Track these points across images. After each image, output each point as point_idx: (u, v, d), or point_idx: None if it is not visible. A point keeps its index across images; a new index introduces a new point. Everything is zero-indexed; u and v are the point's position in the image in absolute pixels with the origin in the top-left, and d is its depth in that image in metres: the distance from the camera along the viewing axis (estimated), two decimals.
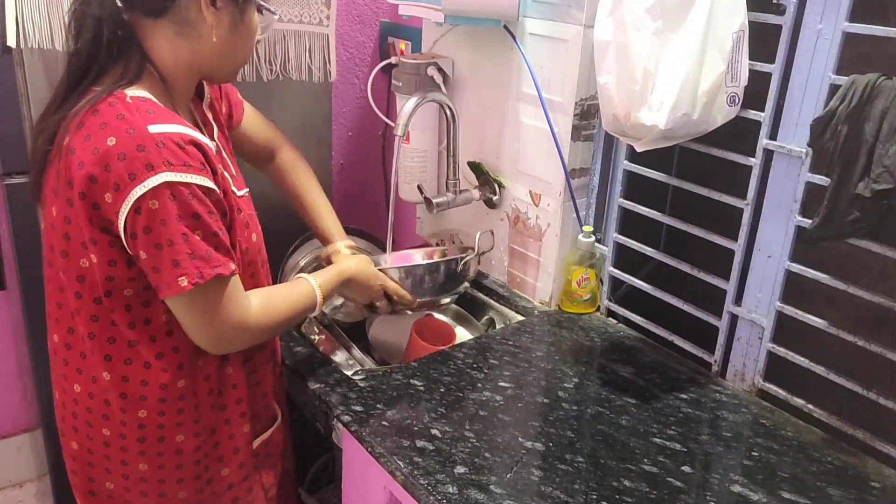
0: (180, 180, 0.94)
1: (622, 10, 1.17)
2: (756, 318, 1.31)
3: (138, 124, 0.94)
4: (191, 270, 0.96)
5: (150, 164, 0.92)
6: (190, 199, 0.95)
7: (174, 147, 0.94)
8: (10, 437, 2.15)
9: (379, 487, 1.19)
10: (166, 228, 0.94)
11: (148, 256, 0.96)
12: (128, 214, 0.93)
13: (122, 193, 0.93)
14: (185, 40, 1.01)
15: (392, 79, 1.69)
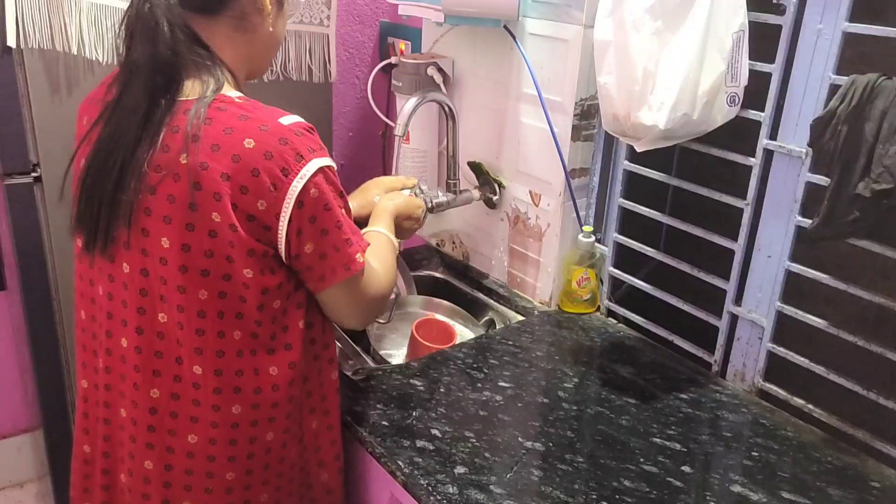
0: (326, 164, 0.93)
1: (622, 10, 1.17)
2: (756, 318, 1.31)
3: (269, 120, 0.91)
4: (361, 246, 0.99)
5: (299, 153, 0.90)
6: (335, 179, 0.95)
7: (307, 133, 0.93)
8: (10, 438, 2.16)
9: (379, 487, 1.19)
10: (330, 213, 0.93)
11: (315, 247, 0.93)
12: (292, 212, 0.90)
13: (280, 192, 0.89)
14: (241, 34, 0.98)
15: (392, 79, 1.69)
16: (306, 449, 1.10)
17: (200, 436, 0.98)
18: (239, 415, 0.98)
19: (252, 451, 1.01)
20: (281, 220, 0.90)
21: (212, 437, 0.99)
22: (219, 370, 0.96)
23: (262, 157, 0.88)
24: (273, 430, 1.01)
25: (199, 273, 0.91)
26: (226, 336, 0.95)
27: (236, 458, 1.00)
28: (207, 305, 0.93)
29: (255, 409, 0.99)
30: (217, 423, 0.98)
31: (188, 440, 0.99)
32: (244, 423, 0.99)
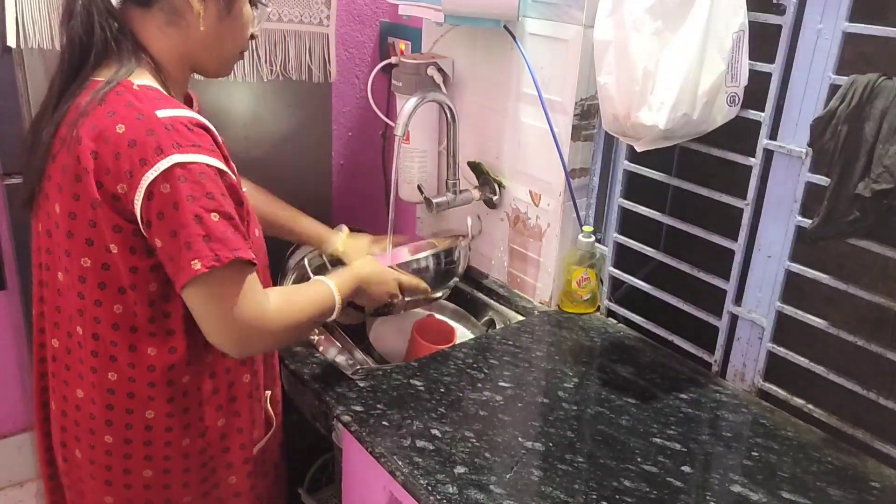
0: (190, 160, 0.92)
1: (622, 10, 1.17)
2: (756, 318, 1.30)
3: (147, 110, 0.93)
4: (205, 253, 0.92)
5: (160, 147, 0.91)
6: (202, 179, 0.93)
7: (183, 129, 0.93)
8: (10, 437, 2.15)
9: (379, 487, 1.19)
10: (178, 212, 0.91)
11: (163, 244, 0.93)
12: (142, 202, 0.92)
13: (134, 180, 0.91)
14: (174, 29, 1.00)
15: (392, 79, 1.69)
16: (210, 446, 1.11)
17: (85, 392, 1.05)
18: (114, 382, 1.03)
19: (129, 421, 1.05)
20: (135, 204, 0.93)
21: (92, 397, 1.04)
22: (95, 335, 1.01)
23: (126, 143, 0.91)
24: (153, 410, 1.04)
25: (84, 241, 0.97)
26: (103, 305, 0.99)
27: (113, 423, 1.05)
28: (88, 273, 0.98)
29: (132, 382, 1.03)
30: (94, 384, 1.04)
31: (76, 394, 1.06)
32: (119, 392, 1.03)
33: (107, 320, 1.00)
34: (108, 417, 1.05)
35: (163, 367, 1.03)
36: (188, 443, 1.08)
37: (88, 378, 1.04)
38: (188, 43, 1.02)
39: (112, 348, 1.02)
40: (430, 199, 1.63)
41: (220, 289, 0.96)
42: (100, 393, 1.04)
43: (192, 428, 1.08)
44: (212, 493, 1.15)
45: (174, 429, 1.07)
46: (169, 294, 1.00)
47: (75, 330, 1.03)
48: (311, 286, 1.16)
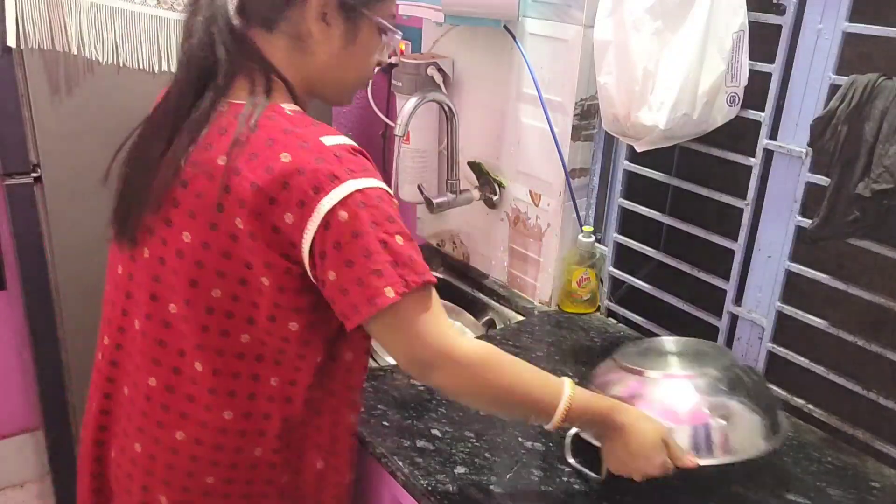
0: (368, 185, 0.87)
1: (622, 10, 1.17)
2: (756, 318, 1.31)
3: (310, 137, 0.88)
4: (395, 280, 0.86)
5: (334, 174, 0.85)
6: (381, 203, 0.87)
7: (350, 156, 0.89)
8: (11, 438, 2.16)
9: (379, 487, 1.19)
10: (360, 240, 0.85)
11: (337, 276, 0.86)
12: (316, 232, 0.85)
13: (307, 209, 0.85)
14: (300, 54, 0.95)
15: (392, 79, 1.69)
16: (305, 484, 1.06)
17: (188, 433, 0.98)
18: (229, 420, 0.97)
19: (236, 461, 0.99)
20: (305, 236, 0.86)
21: (198, 438, 0.98)
22: (217, 370, 0.95)
23: (295, 171, 0.85)
24: (262, 447, 0.99)
25: (215, 272, 0.91)
26: (230, 336, 0.93)
27: (219, 464, 0.99)
28: (217, 304, 0.92)
29: (247, 418, 0.97)
30: (206, 424, 0.97)
31: (175, 436, 0.98)
32: (232, 431, 0.97)
33: (231, 352, 0.94)
34: (214, 459, 0.98)
35: (281, 398, 0.97)
36: (286, 480, 1.03)
37: (199, 417, 0.97)
38: (310, 68, 0.97)
39: (233, 382, 0.95)
40: (430, 199, 1.63)
41: (408, 315, 0.89)
42: (210, 433, 0.97)
43: (291, 465, 1.03)
44: None
45: (277, 466, 1.01)
46: (309, 340, 0.95)
47: (190, 367, 0.96)
48: (541, 371, 0.98)
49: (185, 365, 0.96)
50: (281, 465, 1.01)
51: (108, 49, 1.51)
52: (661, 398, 1.05)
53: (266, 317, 0.92)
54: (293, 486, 1.04)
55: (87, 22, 1.47)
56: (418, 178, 1.72)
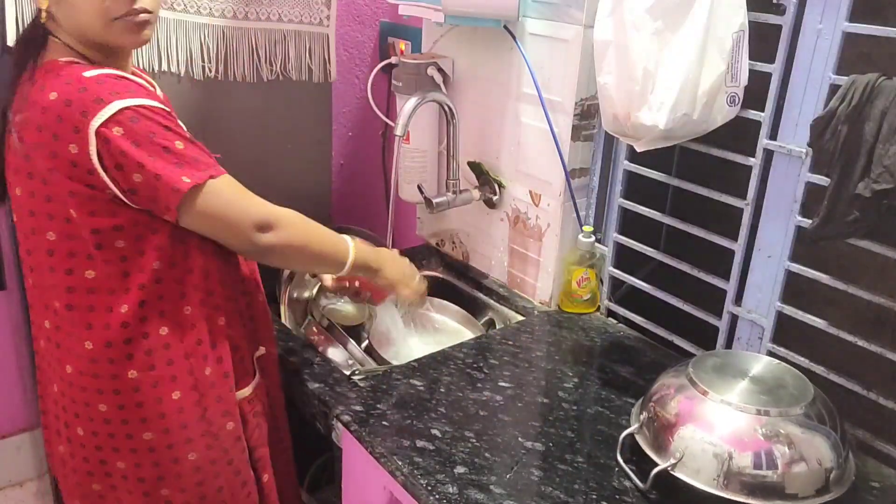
0: (135, 103, 0.98)
1: (622, 10, 1.16)
2: (756, 318, 1.31)
3: (73, 74, 0.98)
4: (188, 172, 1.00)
5: (99, 98, 0.96)
6: (153, 116, 0.99)
7: (113, 80, 0.99)
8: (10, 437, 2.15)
9: (379, 487, 1.19)
10: (142, 148, 0.97)
11: (142, 178, 0.98)
12: (99, 150, 0.96)
13: (83, 132, 0.96)
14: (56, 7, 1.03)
15: (392, 79, 1.69)
16: (203, 397, 1.13)
17: (73, 366, 1.08)
18: (92, 350, 1.06)
19: (118, 387, 1.08)
20: (92, 158, 0.97)
21: (79, 369, 1.08)
22: (70, 305, 1.06)
23: (63, 105, 0.96)
24: (135, 369, 1.07)
25: (46, 216, 1.02)
26: (74, 273, 1.04)
27: (104, 391, 1.08)
28: (56, 245, 1.03)
29: (108, 346, 1.06)
30: (80, 355, 1.07)
31: (66, 370, 1.09)
32: (101, 359, 1.07)
33: (81, 288, 1.04)
34: (98, 387, 1.08)
35: (136, 321, 1.06)
36: (180, 396, 1.11)
37: (74, 349, 1.07)
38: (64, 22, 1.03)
39: (88, 315, 1.05)
40: (430, 199, 1.63)
41: (209, 201, 1.03)
42: (84, 364, 1.07)
43: (181, 380, 1.10)
44: (215, 444, 1.16)
45: (161, 383, 1.09)
46: (142, 250, 1.04)
47: (55, 305, 1.07)
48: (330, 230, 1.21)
49: (54, 304, 1.07)
50: (167, 382, 1.10)
51: None
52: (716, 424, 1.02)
53: (93, 245, 1.02)
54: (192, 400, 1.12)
55: None
56: (418, 178, 1.72)
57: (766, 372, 1.10)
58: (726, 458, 0.99)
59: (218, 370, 1.15)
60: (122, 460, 1.11)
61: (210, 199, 1.03)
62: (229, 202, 1.05)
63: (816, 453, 1.00)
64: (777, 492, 0.98)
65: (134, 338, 1.07)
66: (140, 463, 1.11)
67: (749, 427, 1.01)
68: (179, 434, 1.12)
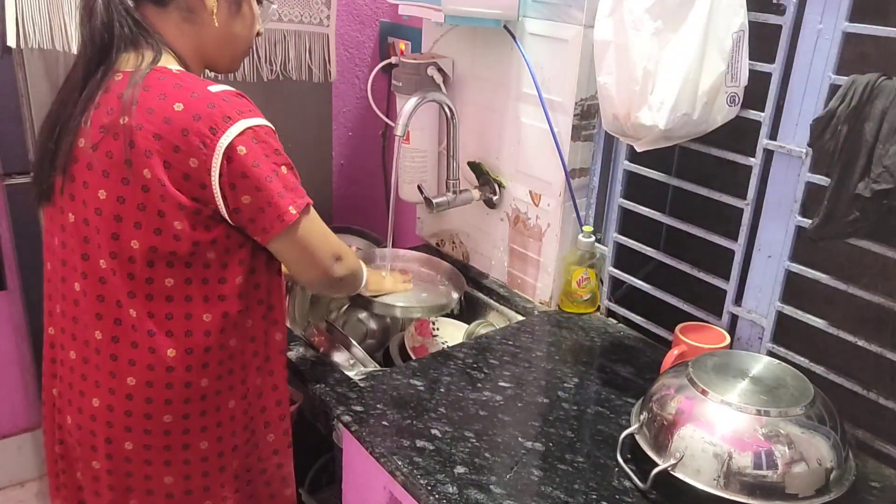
0: (256, 123, 1.00)
1: (622, 10, 1.16)
2: (756, 318, 1.31)
3: (198, 88, 0.99)
4: (294, 199, 1.03)
5: (227, 115, 0.98)
6: (269, 138, 1.01)
7: (236, 99, 1.01)
8: (11, 437, 2.16)
9: (379, 487, 1.19)
10: (259, 169, 0.99)
11: (252, 200, 1.00)
12: (221, 166, 0.97)
13: (209, 149, 0.97)
14: (190, 26, 1.06)
15: (392, 79, 1.69)
16: (251, 407, 1.14)
17: (138, 378, 1.05)
18: (173, 358, 1.05)
19: (188, 396, 1.07)
20: (212, 174, 0.97)
21: (149, 380, 1.05)
22: (151, 313, 1.04)
23: (190, 118, 0.96)
24: (207, 377, 1.07)
25: (133, 224, 1.00)
26: (155, 282, 1.03)
27: (172, 402, 1.06)
28: (138, 253, 1.01)
29: (189, 353, 1.05)
30: (153, 366, 1.05)
31: (127, 382, 1.05)
32: (178, 368, 1.05)
33: (160, 295, 1.03)
34: (167, 397, 1.06)
35: (217, 331, 1.06)
36: (234, 405, 1.12)
37: (145, 360, 1.05)
38: (203, 40, 1.08)
39: (168, 323, 1.04)
40: (430, 199, 1.63)
41: (306, 233, 1.07)
42: (158, 374, 1.05)
43: (237, 390, 1.11)
44: (253, 453, 1.18)
45: (222, 392, 1.10)
46: (227, 262, 1.05)
47: (127, 314, 1.04)
48: None
49: (124, 314, 1.04)
50: (226, 392, 1.10)
51: None
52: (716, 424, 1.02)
53: (187, 253, 1.02)
54: (242, 410, 1.13)
55: None
56: (418, 178, 1.72)
57: (766, 372, 1.10)
58: (726, 458, 0.99)
59: (268, 382, 1.16)
60: (170, 474, 1.09)
61: (305, 229, 1.06)
62: (317, 233, 1.09)
63: (816, 453, 1.00)
64: (777, 492, 0.98)
65: (213, 347, 1.06)
66: (190, 475, 1.10)
67: (749, 427, 1.00)
68: (229, 442, 1.12)
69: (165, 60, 1.03)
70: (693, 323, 1.35)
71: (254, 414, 1.16)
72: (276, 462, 1.21)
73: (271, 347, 1.15)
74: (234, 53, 1.14)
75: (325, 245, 1.12)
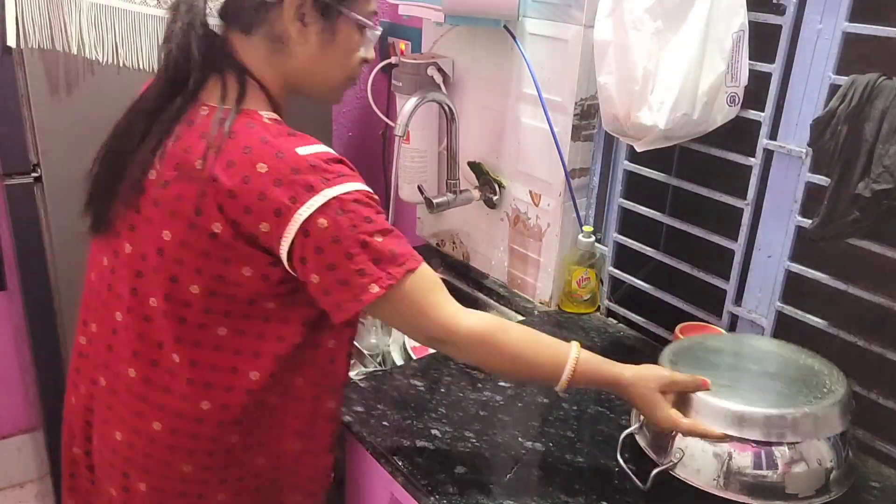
0: (343, 192, 0.89)
1: (622, 10, 1.17)
2: (756, 318, 1.30)
3: (286, 148, 0.90)
4: (379, 276, 0.91)
5: (310, 185, 0.88)
6: (359, 207, 0.90)
7: (325, 165, 0.90)
8: (10, 438, 2.16)
9: (379, 487, 1.19)
10: (340, 245, 0.89)
11: (321, 279, 0.90)
12: (294, 239, 0.89)
13: (284, 219, 0.88)
14: (279, 56, 0.97)
15: (392, 79, 1.69)
16: (281, 467, 1.07)
17: (164, 424, 1.00)
18: (207, 411, 0.99)
19: (213, 449, 1.01)
20: (282, 244, 0.90)
21: (175, 428, 1.00)
22: (194, 361, 0.97)
23: (271, 182, 0.88)
24: (238, 434, 1.01)
25: (194, 270, 0.93)
26: (207, 329, 0.96)
27: (195, 453, 1.01)
28: (195, 299, 0.95)
29: (224, 409, 0.99)
30: (182, 414, 0.99)
31: (153, 426, 1.00)
32: (209, 421, 0.99)
33: (208, 344, 0.97)
34: (190, 448, 1.00)
35: (259, 390, 0.99)
36: (262, 462, 1.05)
37: (175, 407, 0.99)
38: (291, 69, 0.98)
39: (210, 374, 0.98)
40: (430, 199, 1.63)
41: (405, 302, 0.94)
42: (186, 424, 0.99)
43: (268, 448, 1.05)
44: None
45: (251, 448, 1.03)
46: (289, 318, 0.97)
47: (168, 358, 0.98)
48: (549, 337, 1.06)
49: (164, 357, 0.98)
50: (256, 448, 1.04)
51: (108, 49, 1.51)
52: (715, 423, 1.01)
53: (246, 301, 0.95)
54: (269, 468, 1.06)
55: (87, 22, 1.47)
56: (418, 178, 1.72)
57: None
58: (726, 457, 0.99)
59: (306, 447, 1.08)
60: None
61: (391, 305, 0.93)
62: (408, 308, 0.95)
63: (817, 453, 1.00)
64: (777, 492, 0.98)
65: (251, 405, 1.00)
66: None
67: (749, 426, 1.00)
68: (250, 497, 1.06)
69: (253, 97, 0.95)
70: (693, 323, 1.35)
71: (283, 475, 1.08)
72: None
73: (318, 413, 1.06)
74: (329, 84, 1.03)
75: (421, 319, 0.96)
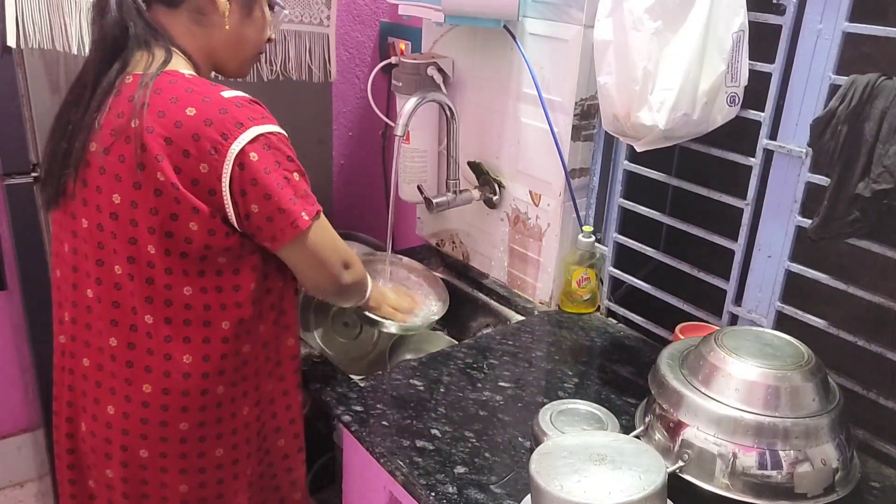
0: (268, 130, 0.99)
1: (622, 10, 1.16)
2: (756, 319, 1.30)
3: (211, 92, 0.98)
4: (305, 206, 1.02)
5: (238, 121, 0.97)
6: (281, 145, 1.01)
7: (249, 105, 1.00)
8: (10, 437, 2.16)
9: (379, 487, 1.19)
10: (271, 176, 0.98)
11: (260, 208, 0.99)
12: (232, 172, 0.96)
13: (220, 155, 0.96)
14: (200, 28, 1.05)
15: (392, 79, 1.69)
16: (263, 413, 1.15)
17: (154, 385, 1.04)
18: (189, 364, 1.04)
19: (204, 403, 1.06)
20: (223, 180, 0.96)
21: (165, 387, 1.04)
22: (168, 318, 1.02)
23: (202, 123, 0.95)
24: (223, 384, 1.07)
25: (147, 229, 0.99)
26: (173, 289, 1.01)
27: (189, 410, 1.05)
28: (155, 259, 1.00)
29: (206, 360, 1.04)
30: (169, 372, 1.04)
31: (143, 389, 1.04)
32: (195, 374, 1.04)
33: (179, 302, 1.02)
34: (183, 404, 1.05)
35: (233, 338, 1.05)
36: (248, 411, 1.11)
37: (162, 367, 1.04)
38: (212, 42, 1.07)
39: (185, 329, 1.03)
40: (430, 199, 1.63)
41: (317, 240, 1.05)
42: (174, 381, 1.04)
43: (250, 396, 1.11)
44: (265, 459, 1.18)
45: (237, 398, 1.09)
46: (239, 269, 1.04)
47: (143, 321, 1.03)
48: None
49: (139, 320, 1.03)
50: (241, 398, 1.10)
51: None
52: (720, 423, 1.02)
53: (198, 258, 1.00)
54: (255, 417, 1.13)
55: (87, 22, 1.47)
56: (418, 178, 1.72)
57: None
58: (731, 458, 0.99)
59: (279, 387, 1.16)
60: (186, 482, 1.09)
61: (315, 236, 1.05)
62: (327, 240, 1.08)
63: (821, 453, 1.00)
64: (781, 492, 0.98)
65: (229, 354, 1.06)
66: (205, 482, 1.10)
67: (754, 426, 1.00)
68: (244, 449, 1.12)
69: (176, 63, 1.02)
70: (693, 323, 1.35)
71: (265, 419, 1.15)
72: (286, 466, 1.21)
73: (283, 352, 1.15)
74: (244, 57, 1.13)
75: (335, 252, 1.10)
